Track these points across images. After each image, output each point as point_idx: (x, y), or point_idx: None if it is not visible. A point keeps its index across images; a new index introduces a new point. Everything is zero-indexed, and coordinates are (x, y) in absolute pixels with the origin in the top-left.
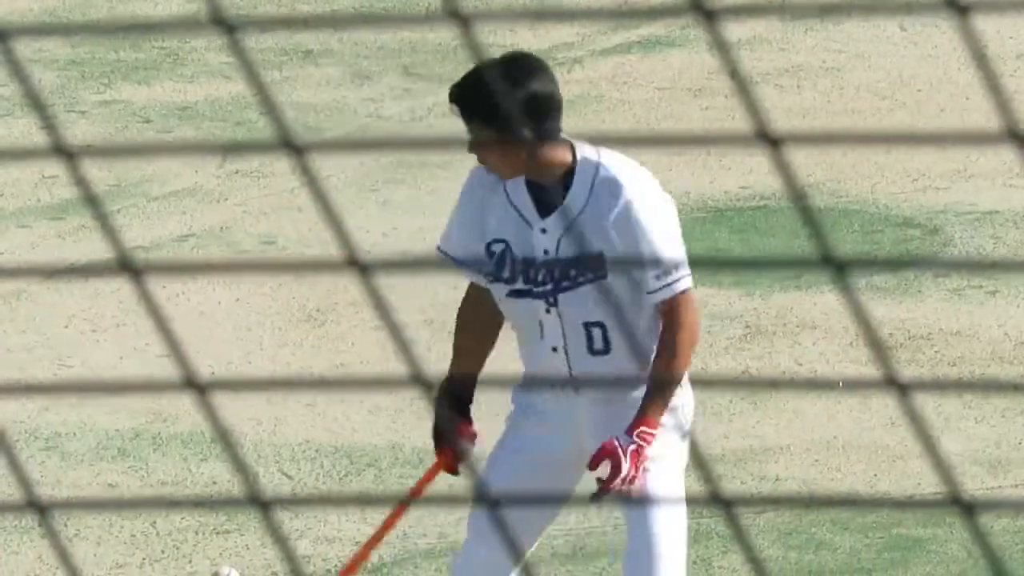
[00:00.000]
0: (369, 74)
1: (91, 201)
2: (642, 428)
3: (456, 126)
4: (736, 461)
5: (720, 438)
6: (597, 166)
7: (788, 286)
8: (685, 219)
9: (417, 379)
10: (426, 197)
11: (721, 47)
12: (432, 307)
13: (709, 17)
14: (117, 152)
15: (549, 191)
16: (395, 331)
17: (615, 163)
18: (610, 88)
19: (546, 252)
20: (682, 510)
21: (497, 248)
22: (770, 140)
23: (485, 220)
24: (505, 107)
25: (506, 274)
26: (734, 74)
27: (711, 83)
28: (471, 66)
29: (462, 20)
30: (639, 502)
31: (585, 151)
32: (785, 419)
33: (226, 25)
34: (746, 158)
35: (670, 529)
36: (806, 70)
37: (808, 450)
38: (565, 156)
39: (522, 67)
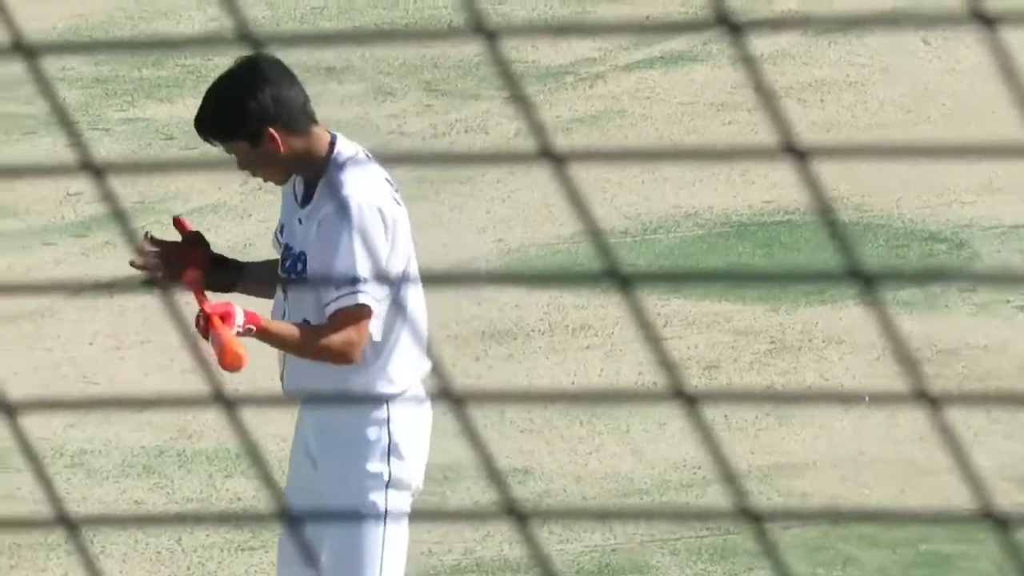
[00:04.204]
0: (391, 90)
1: (119, 217)
2: (248, 316)
3: (477, 142)
4: (762, 477)
5: (746, 454)
6: (337, 164)
7: (813, 301)
8: (708, 234)
9: (445, 394)
10: (448, 213)
11: (746, 60)
12: (456, 323)
13: (735, 30)
14: (141, 169)
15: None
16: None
17: (348, 165)
18: (632, 103)
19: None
20: (375, 534)
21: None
22: (796, 153)
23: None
24: (244, 115)
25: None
26: (759, 88)
27: (734, 98)
28: (492, 81)
29: (488, 35)
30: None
31: (342, 147)
32: (811, 434)
33: (249, 41)
34: (770, 172)
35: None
36: (829, 84)
37: (835, 465)
38: (321, 146)
39: (246, 76)
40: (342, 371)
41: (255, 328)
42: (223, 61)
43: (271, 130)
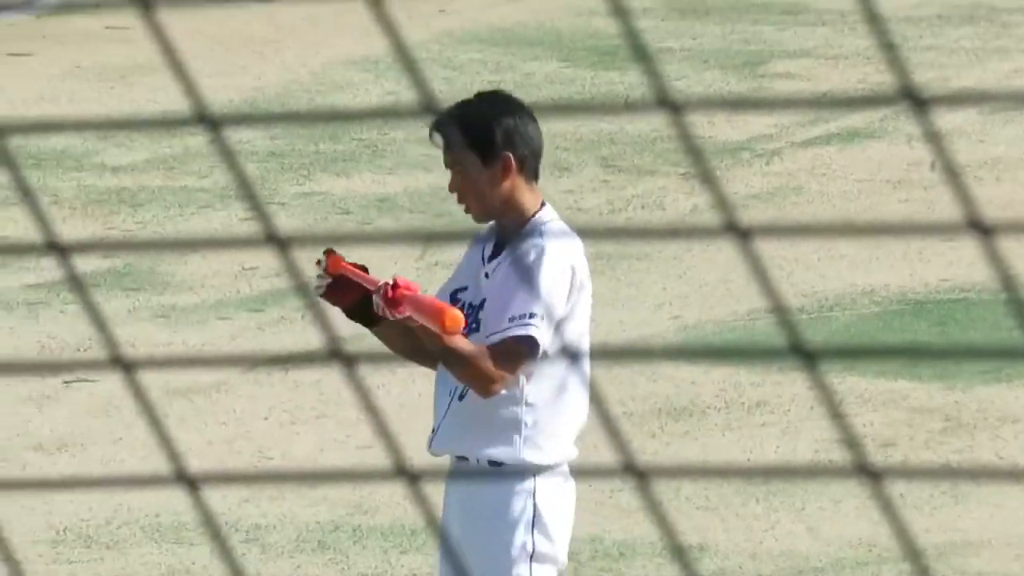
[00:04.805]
0: (568, 166)
1: (301, 291)
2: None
3: (654, 217)
4: (938, 555)
5: (922, 532)
6: (540, 221)
7: (989, 379)
8: (884, 312)
9: (628, 468)
10: (625, 289)
11: (930, 136)
12: (632, 399)
13: (920, 106)
14: (317, 242)
15: (505, 237)
16: (608, 420)
17: (551, 225)
18: (809, 179)
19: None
20: None
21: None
22: (981, 228)
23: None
24: (494, 128)
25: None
26: (933, 166)
27: (910, 175)
28: (668, 157)
29: (672, 108)
30: None
31: (549, 212)
32: (987, 513)
33: (430, 115)
34: (946, 250)
35: None
36: (1005, 162)
37: (1010, 544)
38: (534, 203)
39: (504, 100)
40: (493, 437)
41: None
42: (399, 135)
43: (509, 155)
